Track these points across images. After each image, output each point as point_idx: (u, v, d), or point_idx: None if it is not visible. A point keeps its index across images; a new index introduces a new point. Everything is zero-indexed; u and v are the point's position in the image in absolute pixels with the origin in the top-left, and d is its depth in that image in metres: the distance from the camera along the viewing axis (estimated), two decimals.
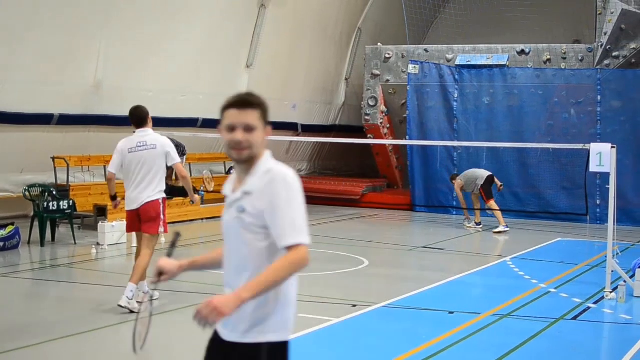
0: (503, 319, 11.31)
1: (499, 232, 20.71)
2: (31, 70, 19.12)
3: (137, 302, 10.92)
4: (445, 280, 14.07)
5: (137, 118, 11.57)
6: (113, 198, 11.99)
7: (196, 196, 12.77)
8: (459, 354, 9.53)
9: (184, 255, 12.05)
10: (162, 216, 11.46)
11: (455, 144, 24.33)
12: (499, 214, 21.13)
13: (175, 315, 11.23)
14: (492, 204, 21.16)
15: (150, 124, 11.62)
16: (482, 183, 21.01)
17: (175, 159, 11.61)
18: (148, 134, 11.51)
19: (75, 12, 19.55)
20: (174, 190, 21.42)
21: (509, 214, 23.94)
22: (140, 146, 11.39)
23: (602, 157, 12.97)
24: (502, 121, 24.90)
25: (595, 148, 13.10)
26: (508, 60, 25.48)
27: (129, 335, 10.00)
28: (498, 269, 15.54)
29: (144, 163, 11.36)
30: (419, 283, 13.73)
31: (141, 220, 11.40)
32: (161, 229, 11.49)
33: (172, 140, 20.92)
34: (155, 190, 11.40)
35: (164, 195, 11.57)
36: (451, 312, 11.58)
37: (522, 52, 25.64)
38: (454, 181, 21.88)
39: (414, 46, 27.84)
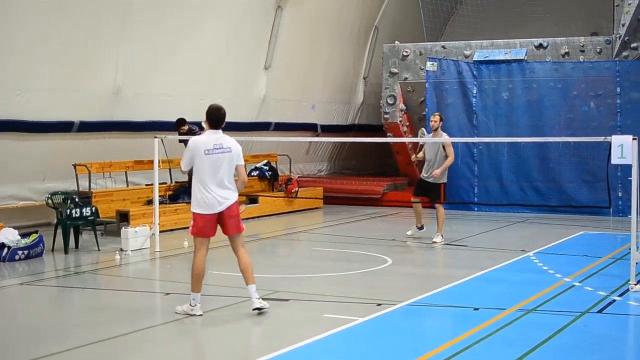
0: (528, 314, 11.29)
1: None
2: (51, 78, 19.20)
3: None
4: (469, 277, 14.04)
5: (217, 119, 11.53)
6: None
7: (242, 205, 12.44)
8: (485, 350, 9.52)
9: (208, 258, 12.15)
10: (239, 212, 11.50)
11: (475, 140, 24.31)
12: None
13: (200, 319, 11.27)
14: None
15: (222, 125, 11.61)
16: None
17: (242, 161, 11.57)
18: (222, 136, 11.46)
19: (93, 19, 19.63)
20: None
21: (531, 208, 23.93)
22: (217, 148, 11.27)
23: (624, 149, 12.92)
24: (522, 116, 24.87)
25: (617, 140, 13.05)
26: (526, 54, 25.41)
27: (156, 339, 10.09)
28: (522, 264, 15.49)
29: (221, 165, 11.23)
30: (442, 280, 13.72)
31: (225, 223, 11.29)
32: (244, 225, 11.56)
33: (190, 128, 21.11)
34: (234, 192, 11.33)
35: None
36: (476, 309, 11.57)
37: (540, 46, 25.56)
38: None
39: (432, 43, 27.81)
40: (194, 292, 11.26)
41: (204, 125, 11.62)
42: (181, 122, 21.02)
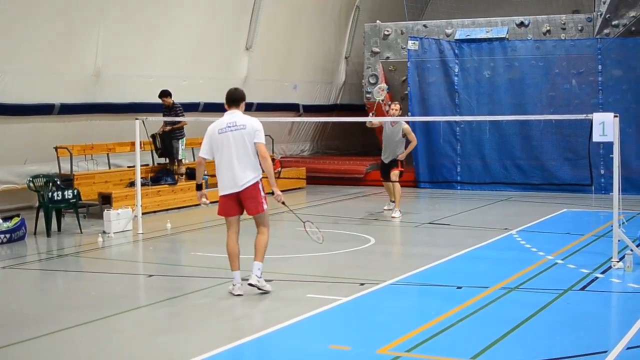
0: (511, 292, 11.31)
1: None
2: (31, 60, 19.09)
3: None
4: (452, 256, 14.06)
5: (231, 98, 11.43)
6: (199, 187, 11.82)
7: (279, 192, 11.63)
8: (468, 328, 9.53)
9: (186, 240, 12.06)
10: (262, 193, 11.31)
11: (458, 118, 24.30)
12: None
13: (183, 300, 11.26)
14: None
15: (242, 107, 11.44)
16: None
17: (261, 139, 11.28)
18: (238, 115, 11.31)
19: (72, 1, 19.50)
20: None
21: (514, 186, 23.98)
22: (230, 126, 11.19)
23: (605, 126, 12.93)
24: (504, 94, 24.88)
25: (598, 118, 13.06)
26: (507, 32, 25.41)
27: (140, 321, 10.08)
28: (505, 242, 15.53)
29: (236, 144, 11.15)
30: (426, 259, 13.72)
31: (244, 203, 11.30)
32: (265, 206, 11.35)
33: (174, 103, 21.05)
34: (254, 173, 11.23)
35: (261, 176, 11.37)
36: (459, 287, 11.58)
37: (522, 24, 25.56)
38: None
39: (413, 22, 27.75)
40: (232, 271, 11.32)
41: (225, 107, 11.53)
42: (165, 93, 20.98)
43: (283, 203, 11.59)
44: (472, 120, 24.32)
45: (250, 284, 11.19)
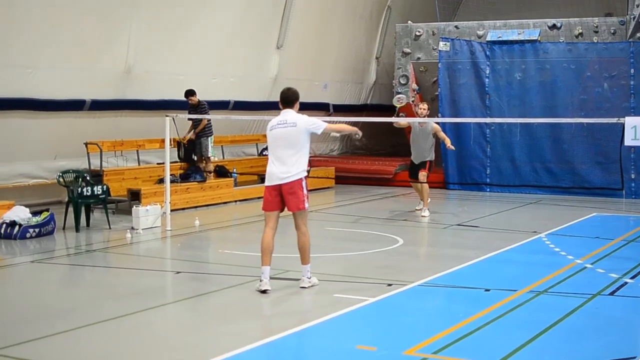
0: (539, 295, 11.24)
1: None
2: (62, 56, 19.17)
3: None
4: (480, 258, 14.00)
5: (284, 99, 11.87)
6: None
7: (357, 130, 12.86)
8: (496, 331, 9.49)
9: (214, 237, 12.01)
10: (304, 191, 11.51)
11: (488, 120, 24.21)
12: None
13: (210, 298, 11.27)
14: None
15: (296, 107, 11.83)
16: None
17: (321, 126, 11.81)
18: (290, 114, 11.72)
19: None
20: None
21: (543, 189, 23.86)
22: (280, 124, 11.62)
23: (637, 130, 12.86)
24: (535, 97, 24.74)
25: (630, 121, 12.99)
26: (539, 35, 25.28)
27: (167, 317, 10.09)
28: (533, 246, 15.44)
29: (284, 141, 11.50)
30: (454, 261, 13.67)
31: (285, 199, 11.48)
32: (307, 204, 11.53)
33: (200, 101, 21.10)
34: (298, 169, 11.46)
35: (305, 174, 11.60)
36: (487, 290, 11.53)
37: (554, 26, 25.44)
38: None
39: (444, 23, 27.69)
40: (262, 266, 11.38)
41: (280, 107, 11.88)
42: (190, 92, 21.03)
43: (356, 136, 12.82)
44: (502, 122, 24.24)
45: (301, 287, 11.52)
